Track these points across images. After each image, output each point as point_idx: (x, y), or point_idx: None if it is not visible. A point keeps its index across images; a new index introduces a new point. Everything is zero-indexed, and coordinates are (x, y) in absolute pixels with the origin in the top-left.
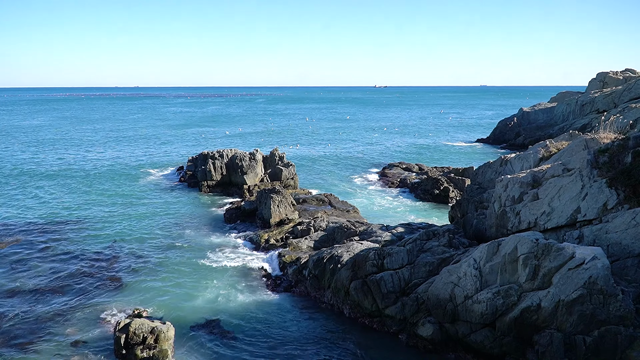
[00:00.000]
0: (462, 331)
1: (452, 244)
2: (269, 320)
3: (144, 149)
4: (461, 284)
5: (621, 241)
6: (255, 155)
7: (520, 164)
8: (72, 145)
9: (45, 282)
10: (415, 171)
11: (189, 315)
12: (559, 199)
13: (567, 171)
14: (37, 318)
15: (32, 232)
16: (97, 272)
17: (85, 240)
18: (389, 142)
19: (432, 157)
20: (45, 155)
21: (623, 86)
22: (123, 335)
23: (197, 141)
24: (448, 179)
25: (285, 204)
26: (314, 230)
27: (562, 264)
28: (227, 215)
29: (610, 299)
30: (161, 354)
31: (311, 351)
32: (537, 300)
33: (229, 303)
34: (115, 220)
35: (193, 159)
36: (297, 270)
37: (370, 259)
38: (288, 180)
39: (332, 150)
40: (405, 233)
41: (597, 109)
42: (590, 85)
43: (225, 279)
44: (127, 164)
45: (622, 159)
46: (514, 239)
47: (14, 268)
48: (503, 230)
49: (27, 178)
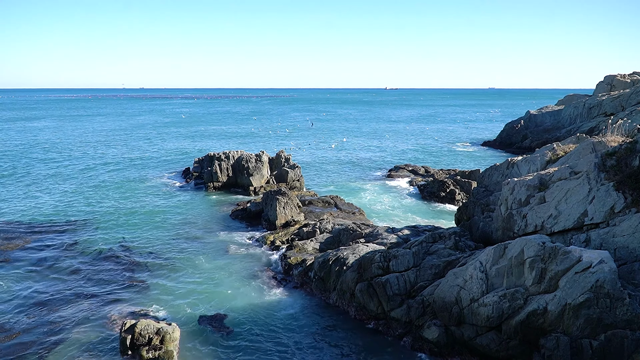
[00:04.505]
0: (468, 334)
1: (458, 247)
2: (275, 321)
3: (150, 150)
4: (467, 287)
5: (628, 245)
6: (261, 156)
7: (527, 166)
8: (78, 147)
9: (51, 282)
10: (422, 173)
11: (194, 316)
12: (566, 202)
13: (574, 174)
14: (42, 318)
15: (40, 233)
16: (103, 272)
17: (91, 240)
18: (395, 144)
19: (439, 160)
20: (52, 157)
21: (631, 89)
22: (129, 336)
23: (203, 142)
24: (454, 182)
25: (291, 205)
26: (320, 232)
27: (568, 267)
28: (232, 217)
29: (617, 302)
30: (167, 355)
31: (316, 352)
32: (543, 303)
33: (235, 304)
34: (120, 221)
35: (199, 160)
36: (303, 272)
37: (376, 261)
38: (294, 182)
39: (338, 152)
40: (411, 235)
41: (604, 112)
42: (597, 88)
43: (230, 281)
44: (133, 165)
45: (630, 162)
46: (520, 242)
47: (21, 269)
48: (509, 233)
49: (33, 179)
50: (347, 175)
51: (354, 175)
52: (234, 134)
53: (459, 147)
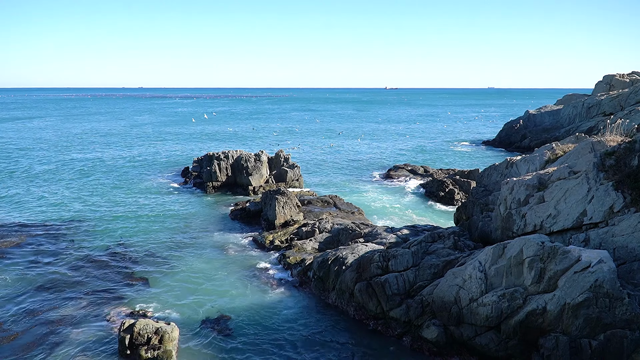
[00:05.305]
0: (467, 334)
1: (457, 247)
2: (273, 321)
3: (149, 150)
4: (466, 287)
5: (627, 244)
6: (260, 156)
7: (526, 166)
8: (77, 146)
9: (50, 281)
10: (421, 173)
11: (193, 315)
12: (565, 201)
13: (573, 174)
14: (41, 317)
15: (38, 232)
16: (102, 272)
17: (90, 240)
18: (395, 144)
19: (438, 159)
20: (50, 156)
21: (630, 89)
22: (127, 335)
23: (203, 142)
24: (453, 181)
25: (290, 205)
26: (319, 232)
27: (568, 267)
28: (232, 216)
29: (617, 302)
30: (165, 355)
31: (315, 352)
32: (542, 303)
33: (234, 304)
34: (119, 221)
35: (198, 160)
36: (302, 272)
37: (375, 261)
38: (293, 182)
39: (337, 152)
40: (410, 235)
41: (603, 112)
42: (596, 87)
43: (230, 280)
44: (131, 165)
45: (629, 162)
46: (519, 241)
47: (19, 268)
48: (509, 232)
49: (32, 178)
50: (347, 175)
51: (353, 175)
52: (232, 131)
53: (458, 146)
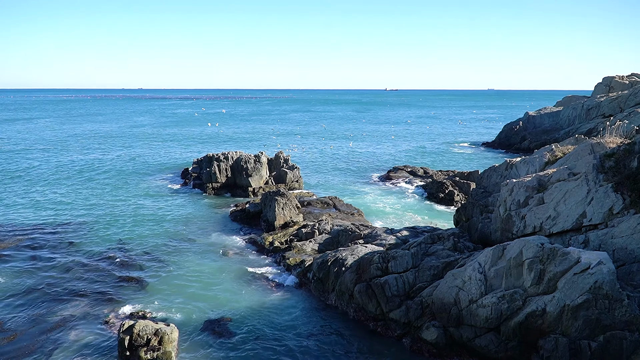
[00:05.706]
0: (467, 335)
1: (457, 248)
2: (273, 322)
3: (149, 151)
4: (466, 288)
5: (627, 246)
6: (260, 157)
7: (525, 168)
8: (76, 147)
9: (49, 283)
10: (421, 174)
11: (193, 316)
12: (564, 203)
13: (572, 175)
14: (40, 319)
15: (36, 233)
16: (102, 273)
17: (89, 241)
18: (394, 145)
19: (438, 161)
20: (50, 157)
21: (629, 90)
22: (127, 336)
23: (202, 143)
24: (453, 183)
25: (290, 206)
26: (319, 233)
27: (567, 268)
28: (231, 218)
29: (616, 304)
30: (165, 356)
31: (315, 353)
32: (542, 304)
33: (233, 305)
34: (118, 222)
35: (198, 161)
36: (302, 273)
37: (375, 262)
38: (293, 183)
39: (337, 153)
40: (410, 236)
41: (603, 114)
42: (596, 89)
43: (229, 281)
44: (131, 166)
45: (628, 164)
46: (519, 243)
47: (17, 269)
48: (508, 234)
49: (31, 180)
50: (346, 176)
51: (353, 176)
52: (233, 135)
53: (457, 148)
